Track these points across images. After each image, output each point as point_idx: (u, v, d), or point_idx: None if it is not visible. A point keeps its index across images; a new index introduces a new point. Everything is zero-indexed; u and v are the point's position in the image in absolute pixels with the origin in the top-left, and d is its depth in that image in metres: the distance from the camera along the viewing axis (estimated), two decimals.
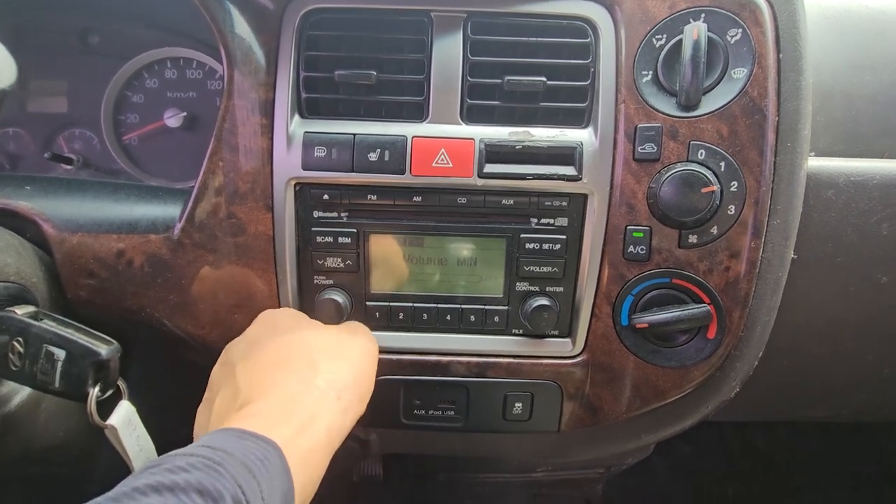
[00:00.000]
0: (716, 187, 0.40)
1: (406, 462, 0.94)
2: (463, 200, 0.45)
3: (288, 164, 0.44)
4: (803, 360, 0.53)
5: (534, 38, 0.44)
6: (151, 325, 0.44)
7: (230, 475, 0.28)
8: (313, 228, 0.46)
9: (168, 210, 0.44)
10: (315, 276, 0.47)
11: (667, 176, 0.41)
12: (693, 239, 0.42)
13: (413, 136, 0.44)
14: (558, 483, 0.94)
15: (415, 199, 0.45)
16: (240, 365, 0.38)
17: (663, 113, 0.41)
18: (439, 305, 0.48)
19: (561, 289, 0.47)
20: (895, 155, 0.49)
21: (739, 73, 0.40)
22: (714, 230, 0.41)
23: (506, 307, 0.47)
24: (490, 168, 0.44)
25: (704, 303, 0.42)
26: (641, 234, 0.43)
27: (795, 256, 0.44)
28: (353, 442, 0.53)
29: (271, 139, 0.44)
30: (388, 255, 0.47)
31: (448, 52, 0.44)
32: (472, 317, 0.48)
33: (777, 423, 1.22)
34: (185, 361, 0.46)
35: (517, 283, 0.47)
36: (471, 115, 0.45)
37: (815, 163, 0.46)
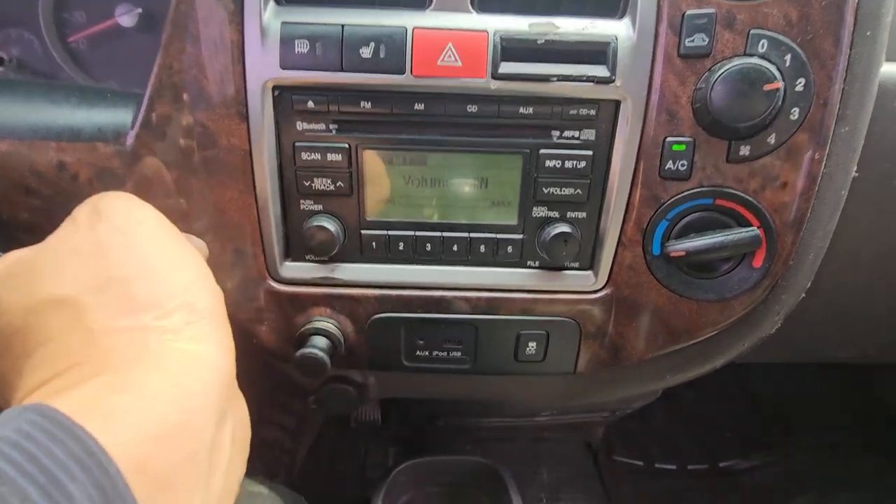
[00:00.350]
0: (780, 84, 0.33)
1: (405, 407, 0.92)
2: (473, 109, 0.38)
3: (263, 63, 0.36)
4: (842, 294, 0.48)
5: None
6: None
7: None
8: (297, 143, 0.39)
9: (118, 115, 0.36)
10: (301, 201, 0.41)
11: (719, 74, 0.34)
12: (745, 151, 0.36)
13: (414, 28, 0.36)
14: (560, 427, 0.92)
15: (416, 106, 0.38)
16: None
17: None
18: (444, 234, 0.42)
19: (584, 214, 0.41)
20: None
21: None
22: (772, 139, 0.35)
23: (521, 236, 0.42)
24: (506, 68, 0.37)
25: (753, 226, 0.36)
26: (683, 147, 0.37)
27: (857, 174, 0.38)
28: (350, 386, 0.49)
29: (241, 31, 0.36)
30: (385, 175, 0.41)
31: None
32: (482, 247, 0.42)
33: (776, 367, 1.22)
34: None
35: (534, 209, 0.41)
36: (484, 1, 0.37)
37: (883, 68, 0.40)
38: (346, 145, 0.39)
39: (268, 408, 0.95)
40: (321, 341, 0.42)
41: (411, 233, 0.42)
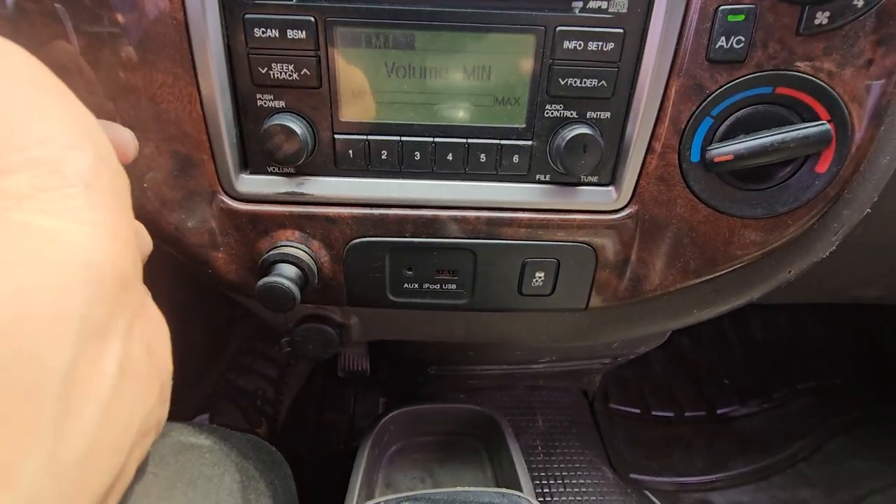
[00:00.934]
0: None
1: (395, 353, 0.87)
2: None
3: None
4: (884, 223, 0.42)
5: None
6: None
7: None
8: (248, 15, 0.30)
9: None
10: (258, 95, 0.33)
11: None
12: (823, 18, 0.28)
13: None
14: (557, 375, 0.89)
15: None
16: None
17: None
18: (437, 139, 0.34)
19: (608, 114, 0.33)
20: None
21: None
22: (860, 1, 0.27)
23: (529, 141, 0.34)
24: None
25: (822, 119, 0.29)
26: (742, 18, 0.29)
27: None
28: (328, 326, 0.43)
29: None
30: (363, 62, 0.32)
31: None
32: (483, 155, 0.34)
33: (775, 313, 1.19)
34: None
35: (548, 106, 0.33)
36: None
37: None
38: (312, 19, 0.31)
39: (247, 355, 0.90)
40: (289, 269, 0.35)
41: (396, 138, 0.34)
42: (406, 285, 0.38)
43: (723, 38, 0.29)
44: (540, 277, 0.38)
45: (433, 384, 0.86)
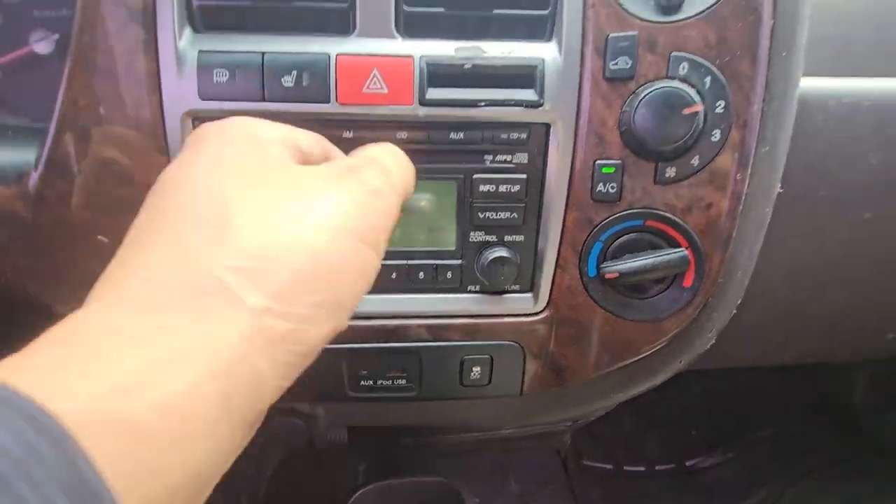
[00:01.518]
0: (700, 107, 0.33)
1: (369, 426, 0.90)
2: (403, 135, 0.37)
3: (181, 93, 0.35)
4: (778, 304, 0.50)
5: None
6: (7, 297, 0.35)
7: None
8: None
9: (17, 154, 0.34)
10: None
11: (642, 97, 0.34)
12: (671, 172, 0.36)
13: (337, 55, 0.35)
14: (527, 437, 0.92)
15: (345, 134, 0.37)
16: (135, 225, 0.23)
17: (640, 18, 0.34)
18: (383, 262, 0.41)
19: (521, 238, 0.40)
20: (890, 74, 0.44)
21: None
22: (695, 161, 0.35)
23: (459, 261, 0.41)
24: (434, 93, 0.36)
25: (681, 247, 0.37)
26: (612, 170, 0.37)
27: (782, 190, 0.39)
28: (298, 419, 0.48)
29: (156, 60, 0.35)
30: None
31: None
32: (422, 273, 0.41)
33: (735, 368, 1.25)
34: None
35: (472, 233, 0.40)
36: (409, 26, 0.36)
37: (804, 82, 0.41)
38: None
39: None
40: None
41: None
42: (362, 382, 0.44)
43: (601, 184, 0.37)
44: (477, 371, 0.44)
45: (410, 452, 0.89)
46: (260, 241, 0.21)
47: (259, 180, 0.23)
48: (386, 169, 0.26)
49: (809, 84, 0.40)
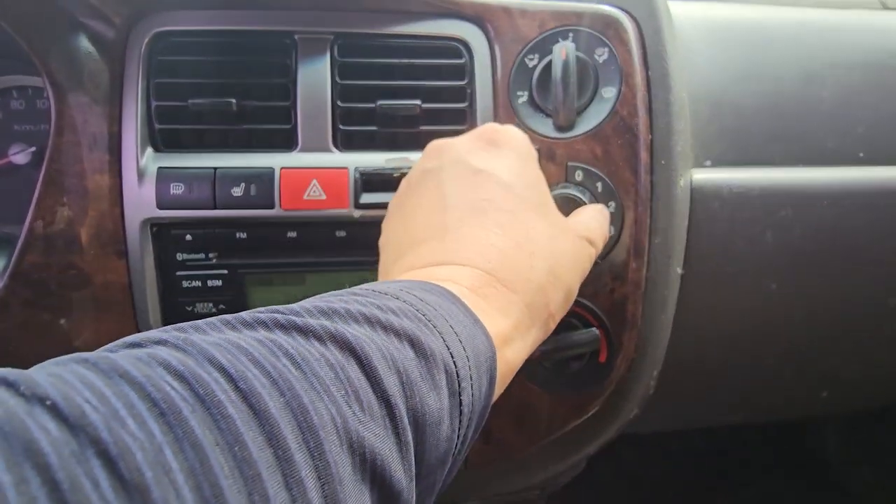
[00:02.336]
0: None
1: None
2: (342, 234, 0.42)
3: (140, 204, 0.39)
4: (708, 370, 0.53)
5: (406, 60, 0.42)
6: None
7: (441, 337, 0.22)
8: (178, 273, 0.41)
9: None
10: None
11: None
12: None
13: (281, 168, 0.40)
14: None
15: (289, 234, 0.42)
16: (452, 193, 0.29)
17: (540, 134, 0.40)
18: None
19: None
20: (785, 161, 0.51)
21: (609, 93, 0.40)
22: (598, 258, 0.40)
23: None
24: (367, 198, 0.41)
25: (592, 326, 0.41)
26: None
27: (682, 272, 0.44)
28: None
29: (119, 177, 0.39)
30: (266, 295, 0.43)
31: (315, 76, 0.41)
32: None
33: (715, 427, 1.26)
34: None
35: None
36: (346, 141, 0.42)
37: (699, 175, 0.47)
38: (226, 271, 0.42)
39: None
40: None
41: None
42: None
43: None
44: None
45: None
46: (559, 271, 0.30)
47: (546, 213, 0.32)
48: (600, 244, 0.35)
49: (702, 176, 0.47)
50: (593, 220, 0.35)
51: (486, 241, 0.28)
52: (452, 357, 0.22)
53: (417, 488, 0.21)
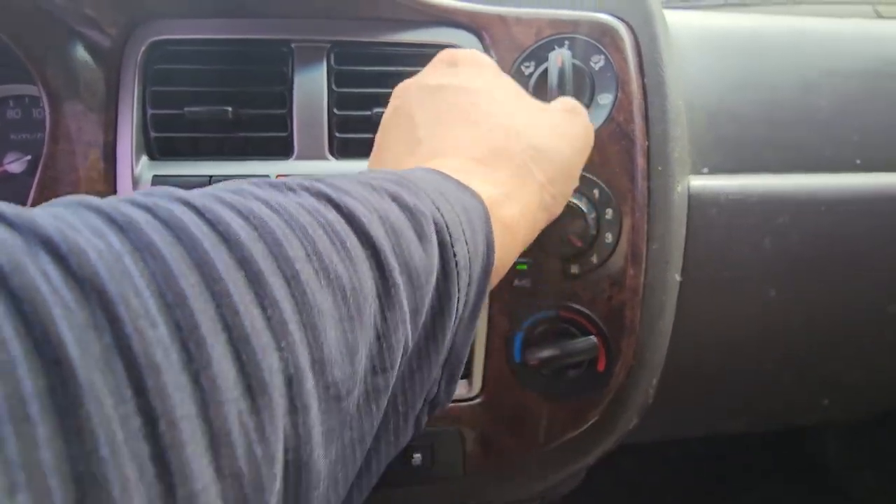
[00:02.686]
0: (588, 214, 0.38)
1: None
2: None
3: None
4: (707, 377, 0.53)
5: (402, 68, 0.42)
6: None
7: (427, 196, 0.22)
8: None
9: None
10: None
11: None
12: (575, 269, 0.40)
13: (277, 175, 0.40)
14: None
15: None
16: (419, 112, 0.30)
17: None
18: None
19: None
20: (782, 168, 0.51)
21: (605, 100, 0.40)
22: (594, 259, 0.40)
23: None
24: None
25: (591, 334, 0.40)
26: (525, 267, 0.41)
27: (681, 279, 0.43)
28: None
29: (114, 186, 0.39)
30: None
31: (312, 84, 0.41)
32: None
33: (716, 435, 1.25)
34: None
35: None
36: (342, 149, 0.42)
37: (697, 182, 0.47)
38: None
39: None
40: None
41: None
42: None
43: (517, 279, 0.41)
44: (418, 457, 0.45)
45: None
46: (540, 144, 0.30)
47: (520, 99, 0.32)
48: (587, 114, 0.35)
49: (700, 183, 0.46)
50: (569, 99, 0.36)
51: (462, 137, 0.29)
52: (440, 211, 0.22)
53: (420, 339, 0.21)
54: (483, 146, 0.28)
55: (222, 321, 0.14)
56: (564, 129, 0.32)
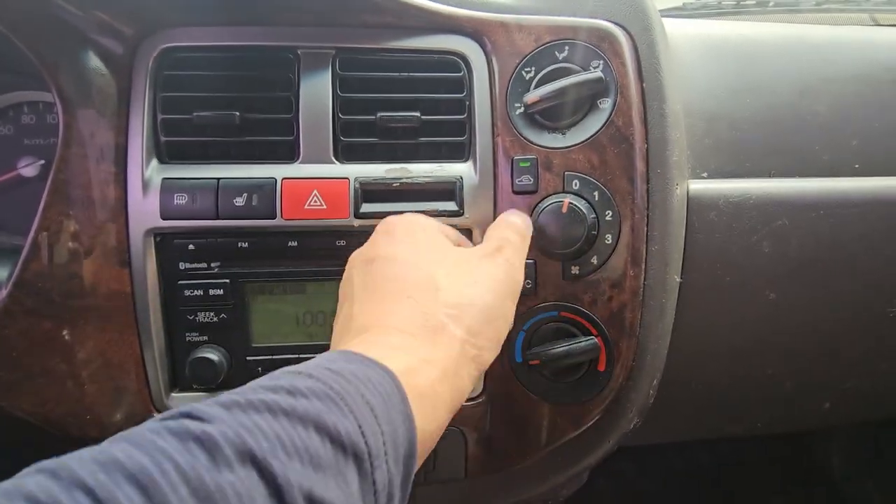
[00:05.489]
0: (589, 216, 0.39)
1: None
2: (342, 243, 0.42)
3: (144, 214, 0.40)
4: (707, 381, 0.53)
5: (405, 74, 0.43)
6: None
7: (351, 413, 0.24)
8: (180, 282, 0.42)
9: None
10: (187, 334, 0.43)
11: (545, 207, 0.40)
12: (575, 270, 0.41)
13: (283, 178, 0.41)
14: None
15: (290, 243, 0.42)
16: (357, 285, 0.33)
17: (537, 144, 0.41)
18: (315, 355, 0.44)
19: None
20: (780, 173, 0.51)
21: (605, 104, 0.40)
22: (594, 260, 0.40)
23: None
24: (367, 208, 0.42)
25: (592, 335, 0.41)
26: (526, 268, 0.41)
27: (680, 280, 0.44)
28: None
29: (124, 188, 0.40)
30: (267, 304, 0.44)
31: (317, 90, 0.42)
32: None
33: (717, 438, 1.24)
34: (29, 440, 0.40)
35: None
36: (347, 153, 0.43)
37: (696, 186, 0.47)
38: (228, 280, 0.42)
39: None
40: None
41: (296, 356, 0.44)
42: None
43: None
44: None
45: None
46: (457, 299, 0.32)
47: (444, 258, 0.34)
48: (516, 246, 0.37)
49: (699, 186, 0.47)
50: (495, 230, 0.38)
51: (385, 310, 0.32)
52: (364, 437, 0.24)
53: None
54: (401, 315, 0.31)
55: None
56: (482, 275, 0.34)
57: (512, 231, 0.37)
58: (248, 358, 0.44)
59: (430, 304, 0.31)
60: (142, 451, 0.19)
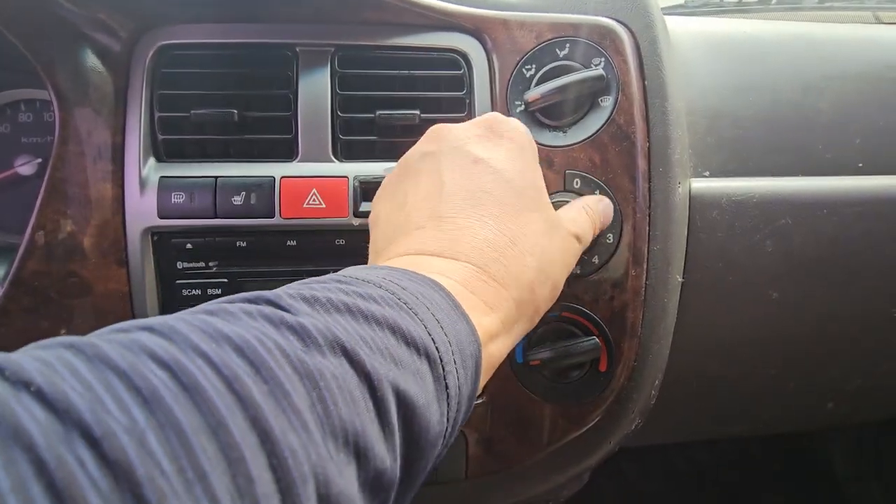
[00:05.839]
0: None
1: None
2: (342, 242, 0.42)
3: (142, 213, 0.40)
4: (709, 381, 0.53)
5: (405, 71, 0.42)
6: None
7: (422, 324, 0.23)
8: (178, 281, 0.41)
9: None
10: None
11: None
12: (577, 270, 0.40)
13: (281, 177, 0.41)
14: None
15: (289, 242, 0.42)
16: (447, 175, 0.29)
17: (538, 143, 0.40)
18: None
19: None
20: (783, 171, 0.51)
21: (606, 102, 0.40)
22: (595, 260, 0.40)
23: None
24: (367, 206, 0.41)
25: (593, 335, 0.40)
26: None
27: (683, 280, 0.43)
28: None
29: (121, 187, 0.40)
30: None
31: (316, 87, 0.42)
32: None
33: (719, 439, 1.24)
34: None
35: None
36: (346, 151, 0.42)
37: (698, 184, 0.47)
38: (226, 280, 0.42)
39: None
40: None
41: None
42: None
43: None
44: None
45: None
46: (545, 266, 0.30)
47: (546, 208, 0.32)
48: (587, 242, 0.35)
49: (701, 185, 0.47)
50: (580, 214, 0.35)
51: (481, 236, 0.28)
52: (435, 343, 0.23)
53: (410, 469, 0.22)
54: (501, 257, 0.28)
55: (238, 491, 0.15)
56: (566, 252, 0.32)
57: (594, 222, 0.36)
58: None
59: (531, 266, 0.28)
60: (241, 327, 0.19)
